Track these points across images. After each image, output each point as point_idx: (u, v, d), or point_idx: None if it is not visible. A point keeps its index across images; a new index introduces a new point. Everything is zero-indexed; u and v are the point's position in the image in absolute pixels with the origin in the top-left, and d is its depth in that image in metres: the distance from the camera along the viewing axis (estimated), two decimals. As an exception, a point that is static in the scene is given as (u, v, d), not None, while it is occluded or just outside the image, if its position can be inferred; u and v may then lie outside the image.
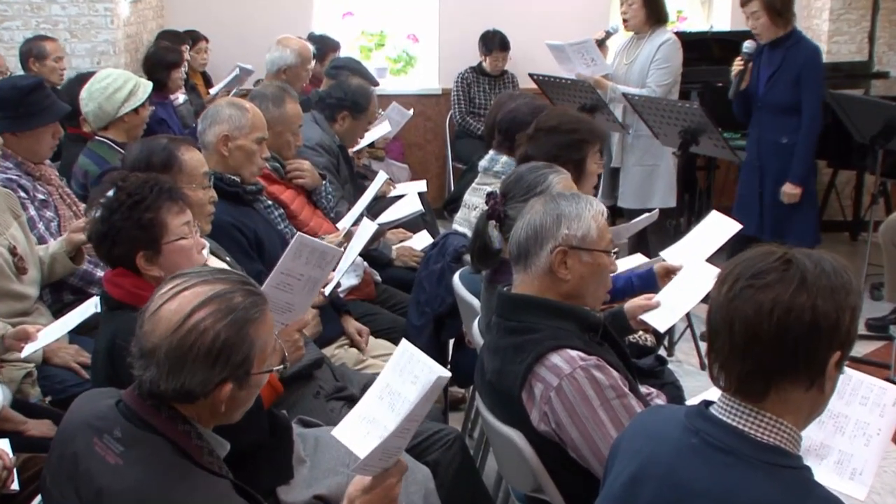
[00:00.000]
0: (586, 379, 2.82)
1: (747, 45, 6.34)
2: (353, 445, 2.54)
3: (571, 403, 2.82)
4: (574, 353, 2.86)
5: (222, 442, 2.47)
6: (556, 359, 2.86)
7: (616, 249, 3.15)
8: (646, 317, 3.68)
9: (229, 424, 2.50)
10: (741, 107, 6.50)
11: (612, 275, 3.19)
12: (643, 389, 3.27)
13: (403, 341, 2.69)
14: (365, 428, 2.58)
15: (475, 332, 3.84)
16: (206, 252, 3.34)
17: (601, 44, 7.05)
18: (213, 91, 8.29)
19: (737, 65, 6.39)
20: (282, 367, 2.56)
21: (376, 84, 7.55)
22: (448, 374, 2.48)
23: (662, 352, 4.91)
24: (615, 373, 2.89)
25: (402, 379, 2.58)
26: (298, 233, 3.18)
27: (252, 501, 2.39)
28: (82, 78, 5.88)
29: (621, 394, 2.85)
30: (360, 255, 4.65)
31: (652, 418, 2.42)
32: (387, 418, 2.51)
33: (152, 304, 2.33)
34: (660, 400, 3.36)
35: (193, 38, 8.81)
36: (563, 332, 2.94)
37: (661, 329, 3.77)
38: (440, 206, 7.50)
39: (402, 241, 5.69)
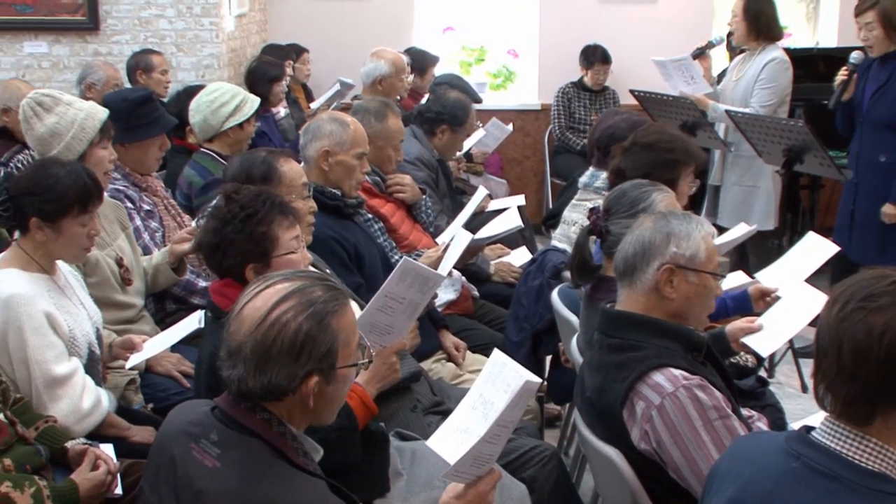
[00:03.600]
0: (689, 399, 2.79)
1: (854, 56, 6.21)
2: (446, 455, 2.55)
3: (673, 423, 2.79)
4: (677, 372, 2.84)
5: (316, 446, 2.49)
6: (658, 377, 2.83)
7: (724, 273, 3.10)
8: (748, 340, 3.62)
9: (324, 445, 2.52)
10: (844, 120, 6.38)
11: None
12: (744, 412, 3.22)
13: (496, 351, 2.70)
14: (459, 438, 2.59)
15: (573, 350, 3.82)
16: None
17: (702, 54, 6.93)
18: (314, 105, 8.36)
19: (841, 75, 6.26)
20: (367, 361, 2.55)
21: (479, 101, 7.57)
22: (538, 379, 2.49)
23: (763, 373, 4.83)
24: (718, 393, 2.85)
25: (496, 388, 2.59)
26: (405, 257, 3.20)
27: (348, 502, 2.40)
28: (189, 90, 6.00)
29: (724, 415, 2.81)
30: (459, 269, 4.65)
31: (751, 442, 2.39)
32: (480, 428, 2.51)
33: (237, 305, 2.38)
34: (761, 423, 3.30)
35: (297, 50, 8.91)
36: (667, 350, 2.91)
37: (764, 354, 3.71)
38: (538, 222, 7.47)
39: (500, 256, 5.68)
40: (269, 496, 2.26)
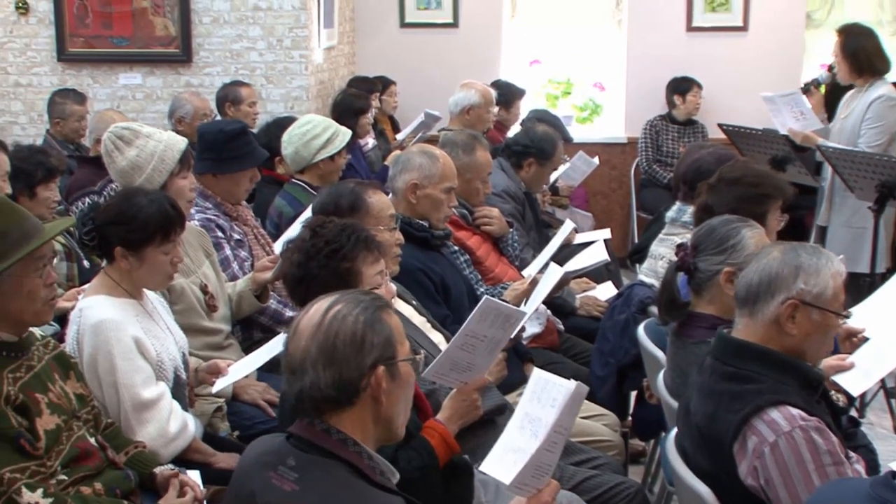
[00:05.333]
0: (804, 440, 2.75)
1: None
2: (501, 476, 2.57)
3: (785, 463, 2.75)
4: (795, 411, 2.80)
5: (392, 468, 2.51)
6: (775, 414, 2.80)
7: (849, 314, 3.03)
8: (838, 378, 3.54)
9: (406, 483, 2.53)
10: None
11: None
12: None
13: (535, 370, 2.72)
14: (511, 458, 2.61)
15: (660, 386, 3.78)
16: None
17: (807, 91, 6.83)
18: (399, 136, 8.42)
19: None
20: (421, 355, 2.61)
21: (570, 140, 7.56)
22: (586, 387, 2.51)
23: (853, 413, 4.73)
24: (834, 438, 2.80)
25: (541, 405, 2.62)
26: (486, 296, 3.20)
27: None
28: (279, 122, 6.10)
29: (838, 461, 2.76)
30: (544, 303, 4.64)
31: (835, 490, 2.36)
32: (531, 446, 2.52)
33: (290, 331, 2.46)
34: (859, 466, 3.23)
35: (385, 82, 8.99)
36: (785, 386, 2.87)
37: (855, 393, 3.63)
38: (624, 256, 7.42)
39: (585, 290, 5.66)
40: None
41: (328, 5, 8.53)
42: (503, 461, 2.71)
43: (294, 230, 3.90)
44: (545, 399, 2.66)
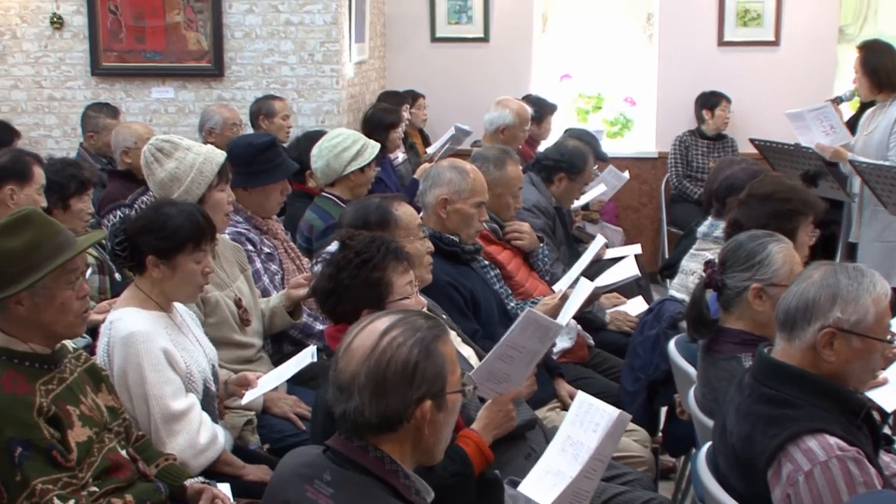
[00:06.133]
0: (840, 471, 2.69)
1: None
2: (539, 498, 2.56)
3: (819, 493, 2.69)
4: (833, 440, 2.74)
5: (427, 487, 2.50)
6: (812, 443, 2.74)
7: (894, 337, 2.93)
8: (871, 394, 3.51)
9: (440, 490, 2.53)
10: None
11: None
12: (885, 458, 3.11)
13: (580, 393, 2.70)
14: (551, 480, 2.61)
15: (690, 402, 3.76)
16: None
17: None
18: (429, 150, 8.42)
19: None
20: (472, 387, 2.58)
21: (606, 161, 7.55)
22: (628, 416, 2.49)
23: (887, 430, 4.69)
24: (872, 469, 2.74)
25: (583, 429, 2.61)
26: (528, 308, 3.21)
27: None
28: (309, 136, 6.12)
29: None
30: (574, 318, 4.63)
31: (868, 502, 2.32)
32: (571, 469, 2.52)
33: (343, 344, 2.42)
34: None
35: (413, 95, 9.00)
36: (824, 413, 2.81)
37: (888, 409, 3.60)
38: (654, 271, 7.39)
39: (616, 305, 5.64)
40: None
41: (359, 20, 8.56)
42: (542, 483, 2.71)
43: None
44: (587, 423, 2.66)
